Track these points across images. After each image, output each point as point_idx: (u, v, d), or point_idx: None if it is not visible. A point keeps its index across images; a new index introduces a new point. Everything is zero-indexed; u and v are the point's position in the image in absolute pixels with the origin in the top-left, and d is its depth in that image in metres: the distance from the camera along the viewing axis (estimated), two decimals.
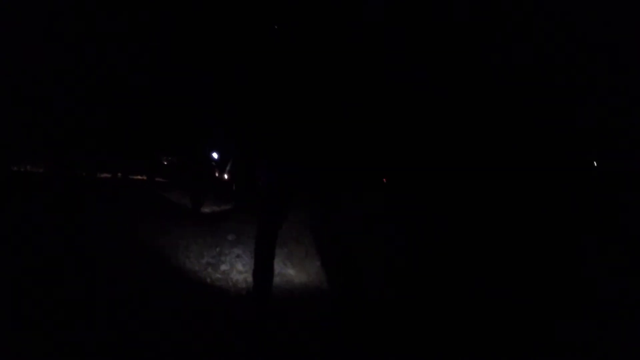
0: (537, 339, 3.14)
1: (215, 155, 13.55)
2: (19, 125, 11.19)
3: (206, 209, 9.18)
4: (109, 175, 14.25)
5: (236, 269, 4.72)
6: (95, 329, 2.81)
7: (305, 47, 3.24)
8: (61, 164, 12.21)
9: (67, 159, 12.34)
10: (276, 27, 3.62)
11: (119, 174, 14.58)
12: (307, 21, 3.27)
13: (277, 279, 3.66)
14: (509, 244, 5.78)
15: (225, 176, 14.44)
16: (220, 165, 15.11)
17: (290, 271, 4.83)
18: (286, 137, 3.25)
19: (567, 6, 11.77)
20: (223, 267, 4.74)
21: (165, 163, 15.42)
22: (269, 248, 3.08)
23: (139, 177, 14.91)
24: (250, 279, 3.17)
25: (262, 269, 3.07)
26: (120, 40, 11.44)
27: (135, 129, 13.87)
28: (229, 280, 4.47)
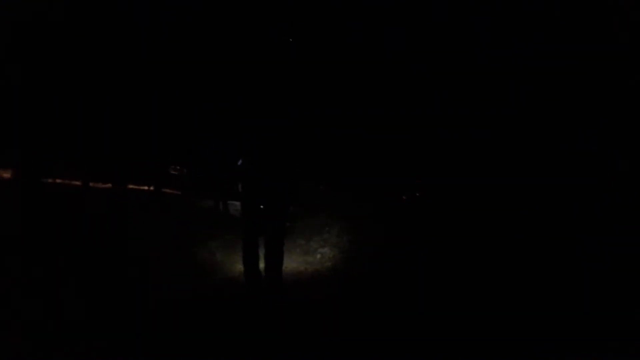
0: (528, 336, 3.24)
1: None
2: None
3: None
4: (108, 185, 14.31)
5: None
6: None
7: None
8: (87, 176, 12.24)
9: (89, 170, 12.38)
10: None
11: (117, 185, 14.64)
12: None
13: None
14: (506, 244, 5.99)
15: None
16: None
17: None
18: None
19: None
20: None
21: (175, 173, 15.51)
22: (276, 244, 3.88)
23: (145, 187, 15.07)
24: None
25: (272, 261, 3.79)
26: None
27: (139, 138, 13.94)
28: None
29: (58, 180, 11.82)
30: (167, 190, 15.29)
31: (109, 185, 12.76)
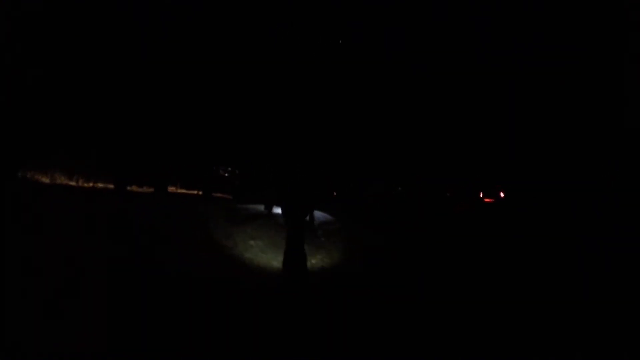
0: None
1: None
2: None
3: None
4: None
5: None
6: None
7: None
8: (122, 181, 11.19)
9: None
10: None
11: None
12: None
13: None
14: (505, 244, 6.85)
15: None
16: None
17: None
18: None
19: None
20: None
21: (226, 175, 13.85)
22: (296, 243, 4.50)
23: (194, 191, 13.64)
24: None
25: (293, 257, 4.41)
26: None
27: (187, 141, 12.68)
28: None
29: (101, 185, 11.31)
30: (219, 195, 13.75)
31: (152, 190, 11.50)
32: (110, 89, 11.78)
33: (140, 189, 11.55)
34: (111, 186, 11.11)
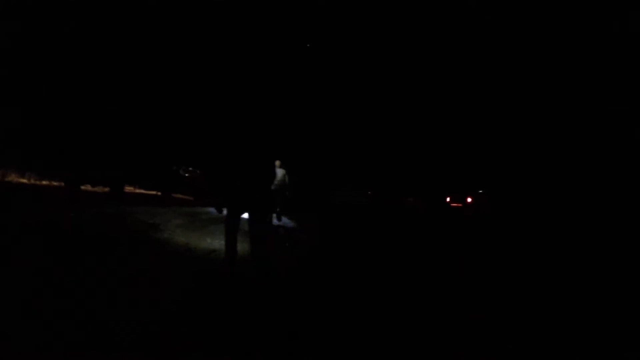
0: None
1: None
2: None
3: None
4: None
5: None
6: None
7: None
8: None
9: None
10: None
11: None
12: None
13: None
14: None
15: None
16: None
17: None
18: None
19: None
20: None
21: (187, 175, 13.22)
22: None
23: (153, 192, 12.94)
24: None
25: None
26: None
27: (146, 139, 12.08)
28: None
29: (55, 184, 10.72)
30: (178, 196, 13.13)
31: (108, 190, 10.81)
32: (65, 85, 11.14)
33: (93, 189, 10.84)
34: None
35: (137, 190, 13.66)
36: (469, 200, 18.66)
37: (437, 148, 20.07)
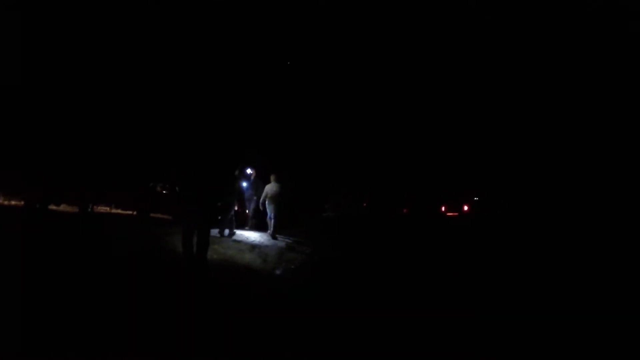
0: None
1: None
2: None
3: None
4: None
5: None
6: None
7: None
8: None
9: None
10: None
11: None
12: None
13: None
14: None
15: None
16: None
17: None
18: None
19: None
20: None
21: (164, 192, 12.48)
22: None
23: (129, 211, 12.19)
24: None
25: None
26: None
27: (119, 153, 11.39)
28: None
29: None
30: (158, 215, 12.37)
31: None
32: (28, 94, 10.52)
33: (56, 207, 10.07)
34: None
35: (114, 211, 12.91)
36: (466, 208, 18.20)
37: (433, 154, 19.53)
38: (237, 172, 10.11)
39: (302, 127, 15.99)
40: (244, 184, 10.60)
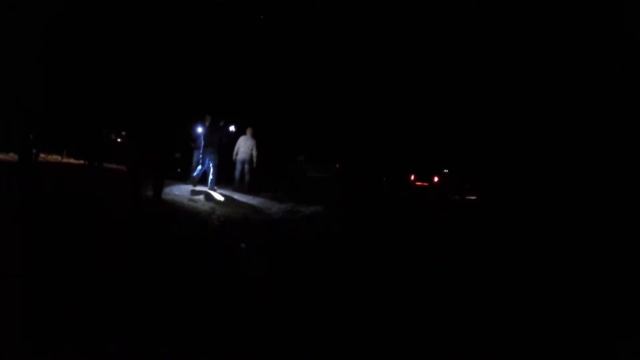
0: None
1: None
2: None
3: None
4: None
5: None
6: None
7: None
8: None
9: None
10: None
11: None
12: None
13: None
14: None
15: None
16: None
17: None
18: None
19: None
20: None
21: (119, 140, 11.74)
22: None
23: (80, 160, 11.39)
24: None
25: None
26: None
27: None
28: None
29: None
30: (112, 166, 11.65)
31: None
32: None
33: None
34: None
35: (65, 160, 12.11)
36: (436, 179, 18.16)
37: (405, 124, 19.35)
38: (221, 124, 9.68)
39: (280, 91, 15.80)
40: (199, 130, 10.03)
